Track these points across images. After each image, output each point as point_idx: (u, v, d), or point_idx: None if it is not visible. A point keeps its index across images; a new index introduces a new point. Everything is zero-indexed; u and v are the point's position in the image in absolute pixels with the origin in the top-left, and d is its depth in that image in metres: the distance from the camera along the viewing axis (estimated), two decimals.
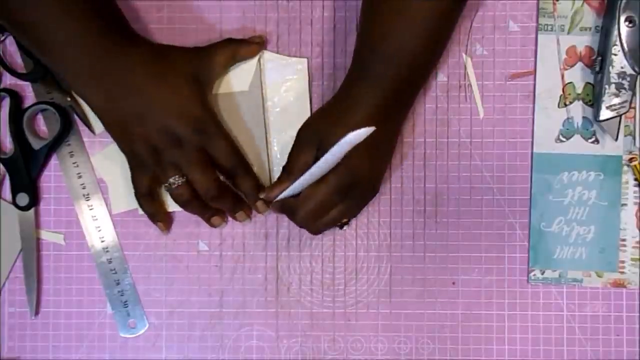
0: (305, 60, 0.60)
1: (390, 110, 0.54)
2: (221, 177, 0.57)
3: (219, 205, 0.58)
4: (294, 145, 0.56)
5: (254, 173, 0.59)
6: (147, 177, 0.57)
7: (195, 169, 0.55)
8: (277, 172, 0.60)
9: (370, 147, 0.50)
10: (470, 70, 0.60)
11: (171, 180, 0.55)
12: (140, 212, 0.59)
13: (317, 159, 0.52)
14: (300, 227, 0.57)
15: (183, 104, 0.54)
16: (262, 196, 0.57)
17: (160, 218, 0.59)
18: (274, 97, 0.60)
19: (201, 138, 0.54)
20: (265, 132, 0.60)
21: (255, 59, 0.59)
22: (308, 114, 0.60)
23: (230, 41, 0.58)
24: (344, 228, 0.60)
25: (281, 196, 0.55)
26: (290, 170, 0.55)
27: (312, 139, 0.54)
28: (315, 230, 0.57)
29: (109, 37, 0.53)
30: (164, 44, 0.57)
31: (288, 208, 0.56)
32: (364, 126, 0.46)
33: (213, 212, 0.59)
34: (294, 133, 0.58)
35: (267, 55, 0.60)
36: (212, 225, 0.59)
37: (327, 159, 0.50)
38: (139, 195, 0.58)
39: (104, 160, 0.61)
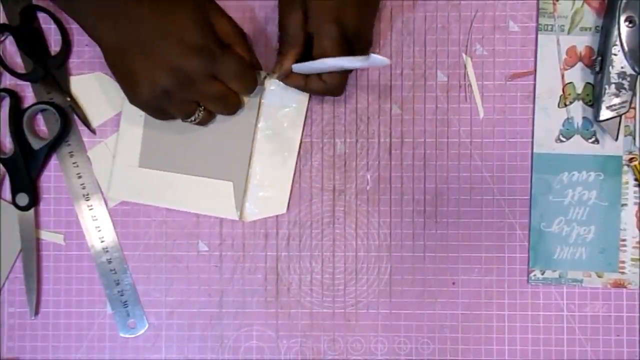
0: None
1: None
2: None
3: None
4: (280, 11, 0.56)
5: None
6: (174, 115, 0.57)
7: (213, 104, 0.56)
8: (252, 192, 0.60)
9: (359, 4, 0.53)
10: (470, 70, 0.60)
11: (191, 118, 0.56)
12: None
13: (305, 14, 0.53)
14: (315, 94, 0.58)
15: (185, 35, 0.52)
16: (276, 77, 0.57)
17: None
18: (268, 119, 0.60)
19: (208, 66, 0.53)
20: (251, 150, 0.60)
21: (260, 79, 0.59)
22: (297, 145, 0.60)
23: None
24: None
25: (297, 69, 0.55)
26: (290, 37, 0.55)
27: (297, 4, 0.54)
28: (338, 92, 0.57)
29: None
30: None
31: (292, 80, 0.57)
32: None
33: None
34: (278, 159, 0.59)
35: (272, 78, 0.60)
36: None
37: (339, 63, 0.52)
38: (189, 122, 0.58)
39: (99, 153, 0.61)
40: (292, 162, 0.60)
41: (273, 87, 0.60)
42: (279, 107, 0.60)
